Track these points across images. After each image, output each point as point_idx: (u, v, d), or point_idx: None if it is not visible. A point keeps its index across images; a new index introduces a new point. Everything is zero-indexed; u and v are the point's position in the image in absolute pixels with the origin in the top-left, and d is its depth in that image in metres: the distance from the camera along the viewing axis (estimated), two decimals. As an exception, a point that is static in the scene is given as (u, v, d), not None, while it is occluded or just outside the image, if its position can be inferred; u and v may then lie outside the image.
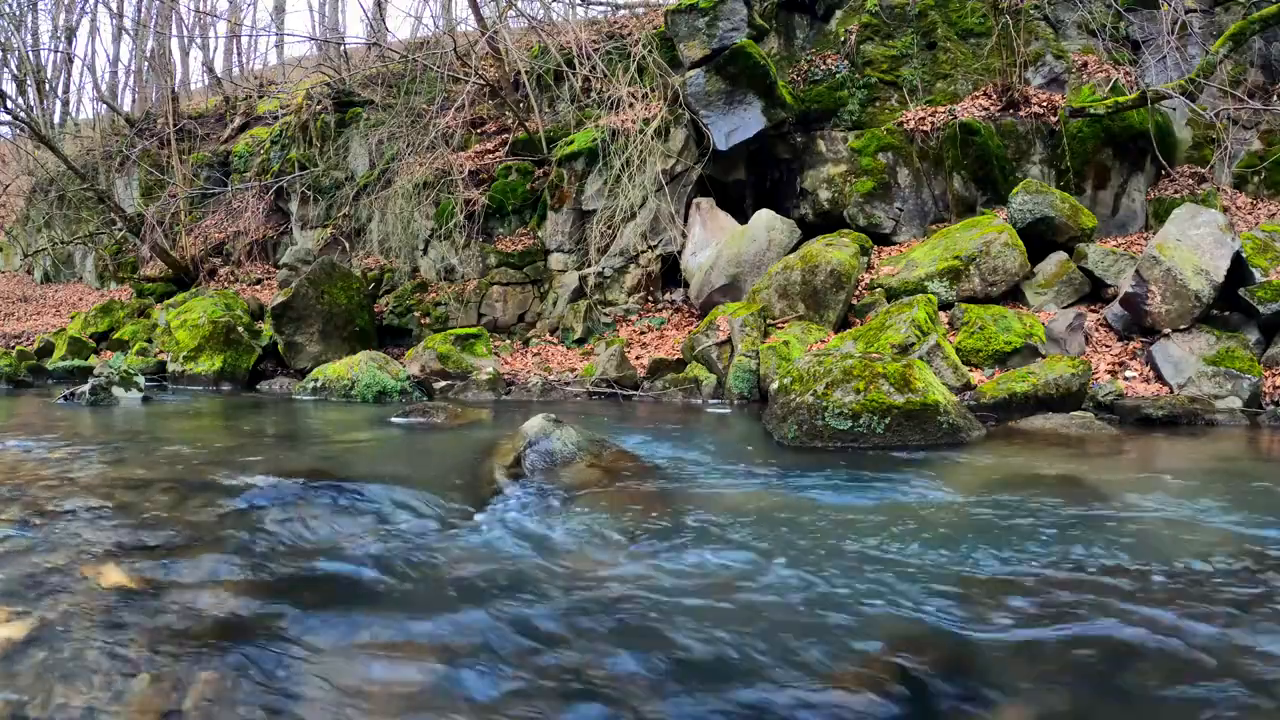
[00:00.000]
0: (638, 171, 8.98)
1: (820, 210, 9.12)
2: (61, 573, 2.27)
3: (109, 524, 2.77)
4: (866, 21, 9.56)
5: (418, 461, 4.42)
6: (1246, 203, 8.40)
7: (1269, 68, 8.88)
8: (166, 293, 12.13)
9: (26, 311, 14.17)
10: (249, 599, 2.15)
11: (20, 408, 7.02)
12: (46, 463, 3.89)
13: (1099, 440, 4.77)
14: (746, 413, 6.21)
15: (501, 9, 11.54)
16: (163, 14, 16.74)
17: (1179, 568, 2.46)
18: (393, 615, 2.07)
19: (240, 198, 13.02)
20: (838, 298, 7.44)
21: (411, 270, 10.73)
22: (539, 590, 2.26)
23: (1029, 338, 6.50)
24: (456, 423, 5.58)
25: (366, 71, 13.25)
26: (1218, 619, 2.08)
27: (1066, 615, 2.10)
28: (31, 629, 1.90)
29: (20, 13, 16.09)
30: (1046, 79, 9.10)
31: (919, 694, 1.70)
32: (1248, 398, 5.70)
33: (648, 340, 8.60)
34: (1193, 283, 6.29)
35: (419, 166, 10.46)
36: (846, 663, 1.83)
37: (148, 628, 1.93)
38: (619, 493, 3.40)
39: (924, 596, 2.22)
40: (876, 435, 4.43)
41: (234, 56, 19.69)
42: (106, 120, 16.90)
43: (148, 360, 9.41)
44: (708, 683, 1.74)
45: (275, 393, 8.19)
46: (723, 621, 2.04)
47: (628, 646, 1.90)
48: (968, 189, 8.70)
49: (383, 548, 2.62)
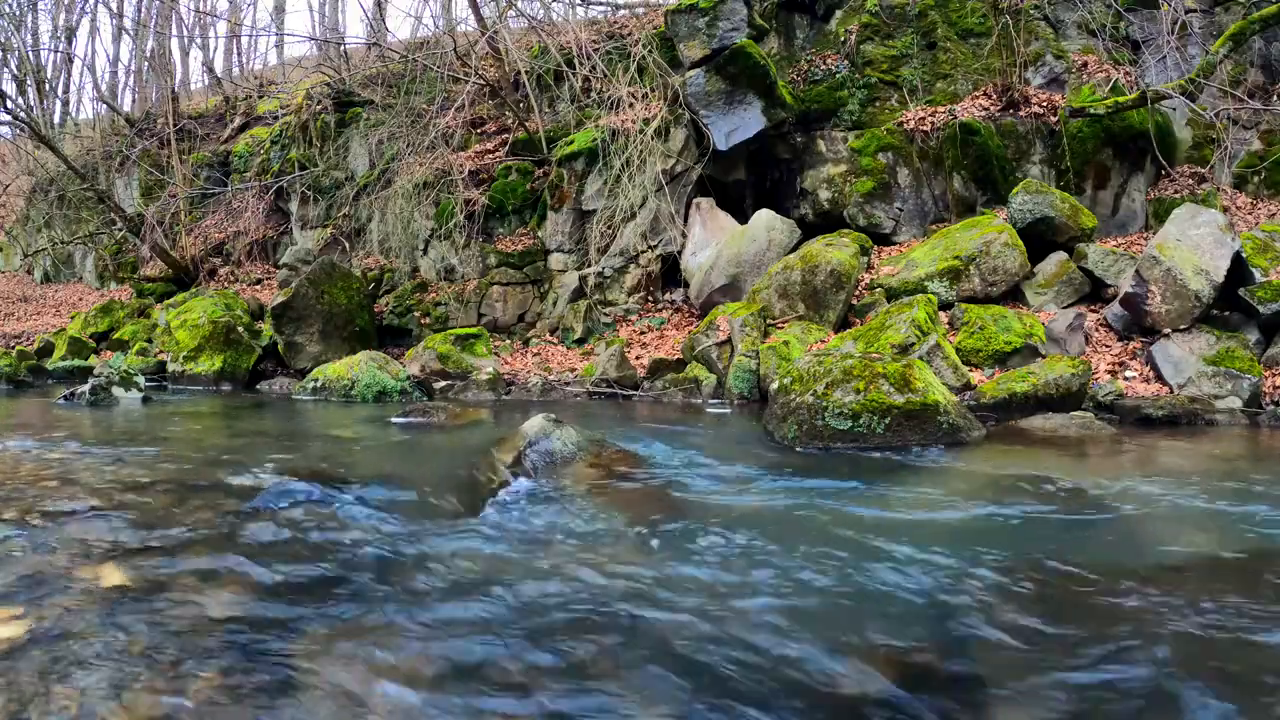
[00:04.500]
0: (638, 171, 8.98)
1: (820, 210, 9.12)
2: (61, 573, 2.28)
3: (109, 524, 2.77)
4: (866, 21, 9.56)
5: (417, 461, 4.42)
6: (1246, 203, 8.40)
7: (1269, 68, 8.88)
8: (166, 293, 12.13)
9: (26, 311, 14.17)
10: (249, 599, 2.15)
11: (20, 408, 7.02)
12: (46, 463, 3.89)
13: (1099, 440, 4.77)
14: (746, 413, 6.21)
15: (501, 9, 11.54)
16: (163, 14, 16.75)
17: (1179, 567, 2.46)
18: (392, 615, 2.08)
19: (240, 198, 13.02)
20: (838, 298, 7.44)
21: (411, 270, 10.73)
22: (539, 590, 2.26)
23: (1029, 338, 6.50)
24: (456, 423, 5.58)
25: (366, 71, 13.25)
26: (1217, 618, 2.08)
27: (1067, 615, 2.10)
28: (31, 629, 1.90)
29: (20, 13, 16.10)
30: (1046, 79, 9.10)
31: (918, 694, 1.70)
32: (1248, 398, 5.70)
33: (648, 340, 8.60)
34: (1193, 283, 6.29)
35: (419, 166, 10.46)
36: (846, 662, 1.83)
37: (147, 628, 1.93)
38: (619, 492, 3.40)
39: (924, 596, 2.22)
40: (876, 435, 4.43)
41: (234, 56, 19.71)
42: (106, 120, 16.90)
43: (148, 360, 9.41)
44: (706, 683, 1.74)
45: (275, 393, 8.19)
46: (721, 621, 2.04)
47: (626, 646, 1.90)
48: (968, 189, 8.70)
49: (382, 547, 2.62)
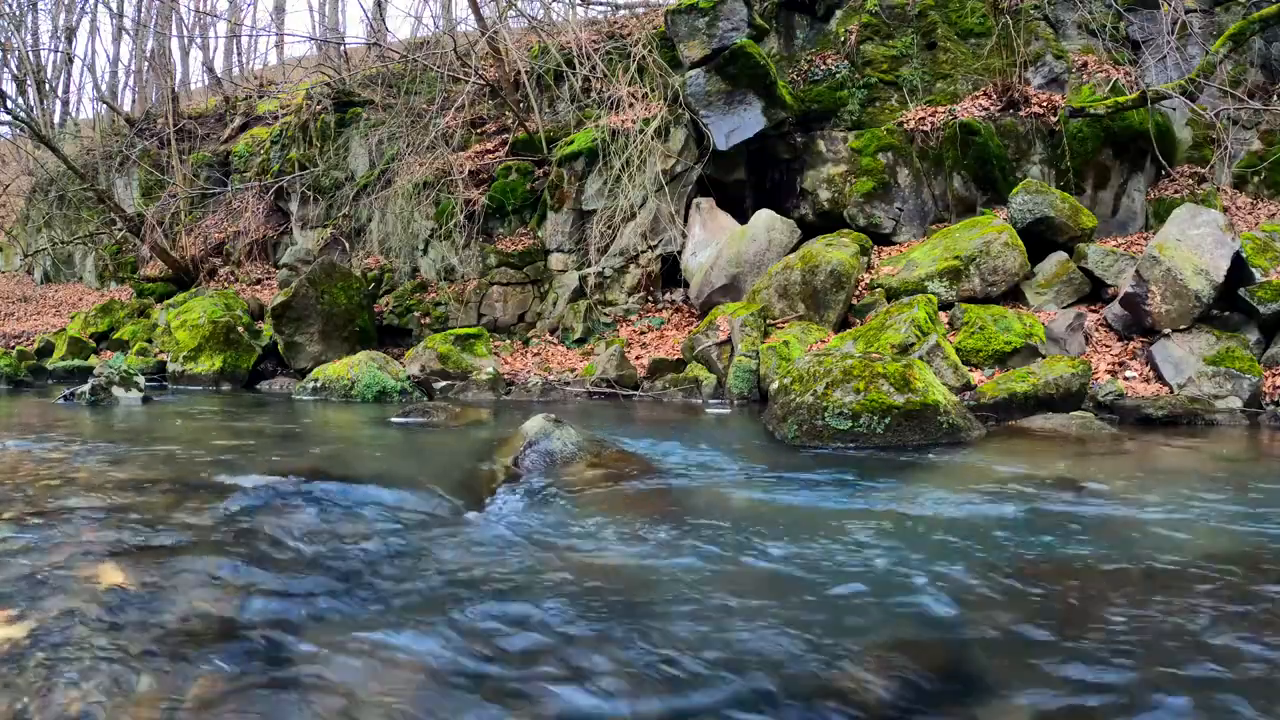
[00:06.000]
0: (638, 171, 8.98)
1: (820, 210, 9.12)
2: (61, 573, 2.27)
3: (109, 524, 2.77)
4: (866, 21, 9.56)
5: (417, 461, 4.42)
6: (1246, 203, 8.40)
7: (1269, 68, 8.88)
8: (166, 293, 12.14)
9: (26, 311, 14.16)
10: (248, 598, 2.15)
11: (20, 408, 7.02)
12: (46, 463, 3.89)
13: (1099, 440, 4.77)
14: (746, 413, 6.21)
15: (501, 9, 11.53)
16: (163, 14, 16.77)
17: (1178, 566, 2.46)
18: (392, 615, 2.08)
19: (240, 198, 13.02)
20: (838, 298, 7.44)
21: (411, 270, 10.73)
22: (538, 589, 2.26)
23: (1029, 338, 6.49)
24: (456, 422, 5.58)
25: (366, 71, 13.25)
26: (1216, 617, 2.08)
27: (1067, 615, 2.10)
28: (31, 629, 1.89)
29: (20, 13, 16.10)
30: (1046, 79, 9.10)
31: (916, 694, 1.70)
32: (1248, 398, 5.70)
33: (648, 340, 8.60)
34: (1193, 283, 6.29)
35: (419, 166, 10.47)
36: (846, 662, 1.83)
37: (148, 627, 1.93)
38: (618, 492, 3.40)
39: (923, 596, 2.22)
40: (876, 435, 4.43)
41: (234, 56, 19.73)
42: (106, 120, 16.89)
43: (148, 360, 9.41)
44: (704, 683, 1.74)
45: (275, 393, 8.19)
46: (720, 621, 2.04)
47: (625, 646, 1.90)
48: (968, 189, 8.70)
49: (382, 547, 2.62)
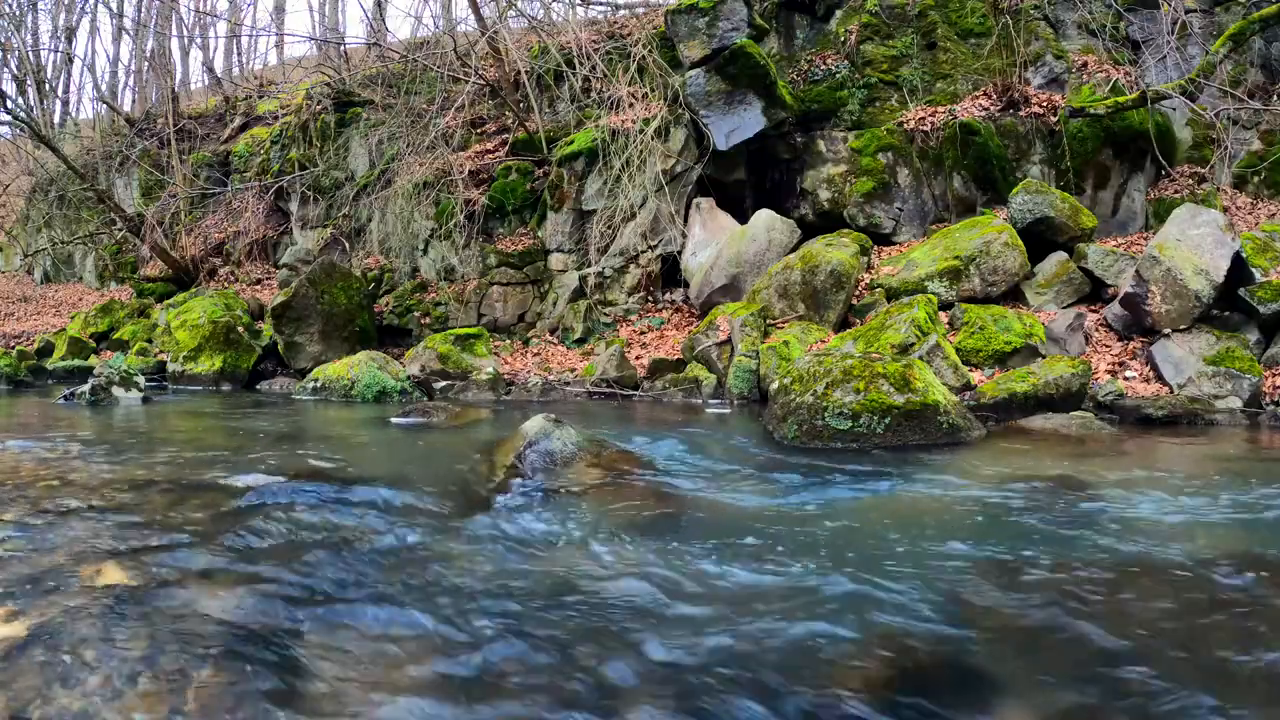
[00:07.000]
0: (638, 171, 8.98)
1: (820, 210, 9.12)
2: (61, 572, 2.27)
3: (109, 523, 2.77)
4: (866, 21, 9.56)
5: (417, 461, 4.42)
6: (1246, 203, 8.40)
7: (1269, 68, 8.88)
8: (166, 293, 12.13)
9: (26, 311, 14.16)
10: (248, 598, 2.15)
11: (20, 408, 7.02)
12: (46, 463, 3.89)
13: (1099, 440, 4.77)
14: (746, 413, 6.21)
15: (501, 9, 11.53)
16: (163, 14, 16.76)
17: (1179, 565, 2.46)
18: (391, 615, 2.07)
19: (240, 198, 13.02)
20: (838, 298, 7.44)
21: (411, 270, 10.73)
22: (538, 589, 2.26)
23: (1029, 338, 6.49)
24: (456, 423, 5.58)
25: (366, 71, 13.25)
26: (1216, 616, 2.08)
27: (1068, 615, 2.10)
28: (31, 628, 1.89)
29: (20, 13, 16.10)
30: (1046, 79, 9.09)
31: (916, 694, 1.70)
32: (1248, 398, 5.70)
33: (648, 340, 8.60)
34: (1193, 283, 6.29)
35: (419, 166, 10.46)
36: (845, 662, 1.83)
37: (148, 627, 1.93)
38: (618, 492, 3.40)
39: (923, 596, 2.22)
40: (876, 435, 4.43)
41: (234, 56, 19.72)
42: (106, 120, 16.89)
43: (148, 360, 9.41)
44: (706, 681, 1.74)
45: (275, 393, 8.19)
46: (719, 621, 2.04)
47: (625, 645, 1.90)
48: (968, 189, 8.70)
49: (381, 547, 2.62)
